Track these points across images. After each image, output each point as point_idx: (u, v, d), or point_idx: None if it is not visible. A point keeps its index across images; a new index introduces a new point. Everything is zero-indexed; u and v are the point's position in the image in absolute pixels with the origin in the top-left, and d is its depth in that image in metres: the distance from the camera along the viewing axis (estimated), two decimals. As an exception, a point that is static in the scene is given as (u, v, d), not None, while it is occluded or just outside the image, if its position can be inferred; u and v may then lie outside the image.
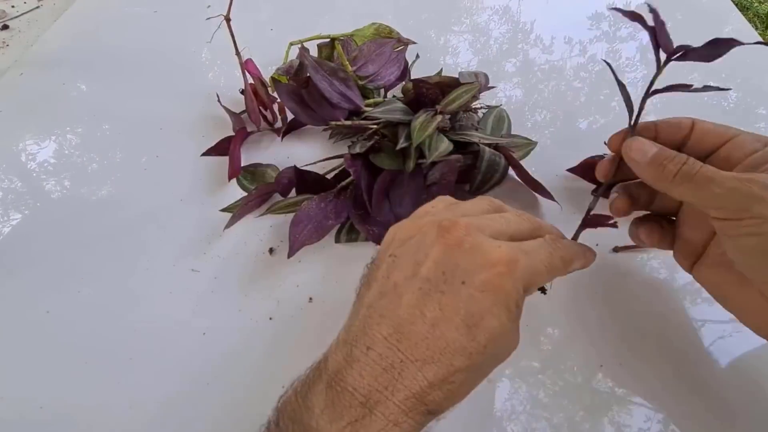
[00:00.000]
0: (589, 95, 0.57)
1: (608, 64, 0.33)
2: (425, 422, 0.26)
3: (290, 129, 0.53)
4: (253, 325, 0.40)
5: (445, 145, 0.43)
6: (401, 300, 0.26)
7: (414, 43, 0.59)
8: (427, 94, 0.46)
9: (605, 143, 0.47)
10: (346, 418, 0.25)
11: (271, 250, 0.44)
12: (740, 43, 0.26)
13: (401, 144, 0.43)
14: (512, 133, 0.52)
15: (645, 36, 0.67)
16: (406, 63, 0.56)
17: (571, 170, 0.48)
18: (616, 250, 0.43)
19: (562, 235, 0.33)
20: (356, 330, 0.27)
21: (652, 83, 0.30)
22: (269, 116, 0.53)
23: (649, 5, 0.26)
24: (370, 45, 0.55)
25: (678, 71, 0.60)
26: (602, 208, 0.48)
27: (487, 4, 0.70)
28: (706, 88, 0.29)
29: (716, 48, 0.27)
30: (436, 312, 0.25)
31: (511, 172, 0.48)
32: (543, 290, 0.34)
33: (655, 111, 0.55)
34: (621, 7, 0.68)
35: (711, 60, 0.28)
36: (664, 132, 0.32)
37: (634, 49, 0.63)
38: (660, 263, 0.42)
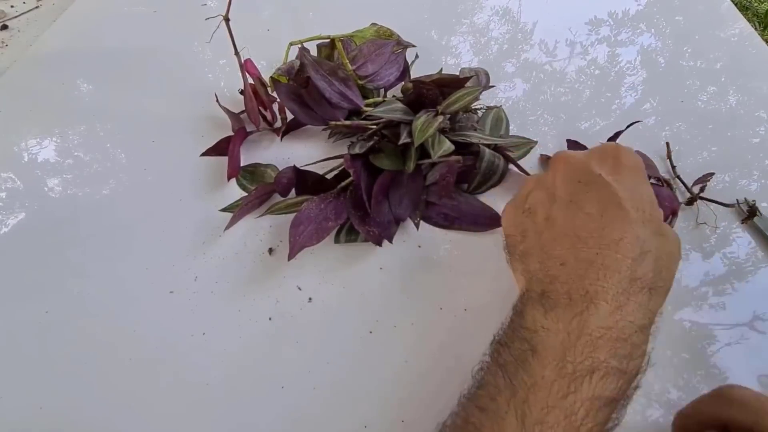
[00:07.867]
0: (591, 98, 0.57)
1: None
2: (651, 305, 0.27)
3: (290, 129, 0.53)
4: (252, 325, 0.40)
5: (447, 145, 0.43)
6: (562, 218, 0.30)
7: (413, 46, 0.59)
8: (427, 95, 0.46)
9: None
10: (570, 313, 0.26)
11: (270, 251, 0.44)
12: None
13: (403, 139, 0.43)
14: (511, 133, 0.52)
15: (645, 40, 0.66)
16: (406, 63, 0.56)
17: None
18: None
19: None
20: (538, 266, 0.29)
21: None
22: (269, 116, 0.53)
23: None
24: (370, 45, 0.55)
25: (678, 74, 0.60)
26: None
27: (488, 5, 0.70)
28: None
29: None
30: (595, 205, 0.29)
31: (515, 168, 0.48)
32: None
33: (654, 112, 0.55)
34: (619, 12, 0.68)
35: None
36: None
37: (635, 53, 0.63)
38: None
